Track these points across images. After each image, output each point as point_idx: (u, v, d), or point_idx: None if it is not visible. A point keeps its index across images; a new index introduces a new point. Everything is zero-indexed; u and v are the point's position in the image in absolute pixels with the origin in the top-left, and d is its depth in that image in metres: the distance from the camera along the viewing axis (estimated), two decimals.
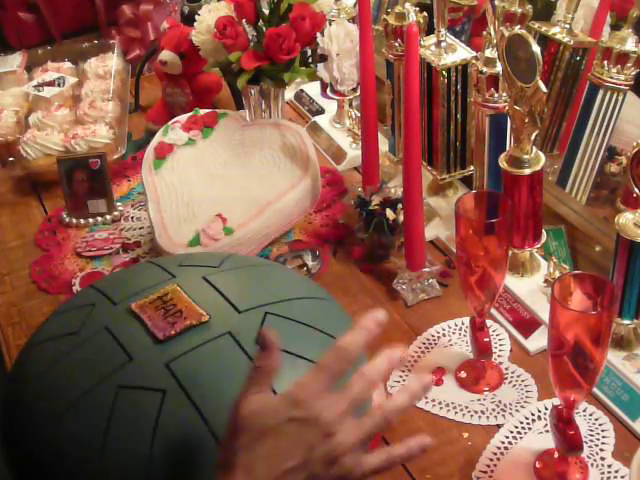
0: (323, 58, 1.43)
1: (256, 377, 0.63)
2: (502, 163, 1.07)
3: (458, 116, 1.24)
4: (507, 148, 1.11)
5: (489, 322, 1.07)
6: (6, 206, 1.46)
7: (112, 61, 1.68)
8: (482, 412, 0.99)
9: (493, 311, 1.10)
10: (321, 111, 1.59)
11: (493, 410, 0.99)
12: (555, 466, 0.90)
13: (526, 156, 1.05)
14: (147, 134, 1.53)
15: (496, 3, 1.23)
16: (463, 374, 1.04)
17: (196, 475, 0.66)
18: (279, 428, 0.60)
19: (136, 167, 1.47)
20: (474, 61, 1.17)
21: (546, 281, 1.10)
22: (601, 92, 1.13)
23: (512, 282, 1.12)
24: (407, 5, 1.27)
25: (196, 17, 1.39)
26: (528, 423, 0.96)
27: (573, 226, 1.16)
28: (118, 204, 1.39)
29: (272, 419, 0.61)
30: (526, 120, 1.02)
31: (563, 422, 0.85)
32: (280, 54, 1.29)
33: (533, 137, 1.04)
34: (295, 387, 0.62)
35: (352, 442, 0.61)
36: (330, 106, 1.57)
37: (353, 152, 1.45)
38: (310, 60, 1.41)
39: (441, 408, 1.00)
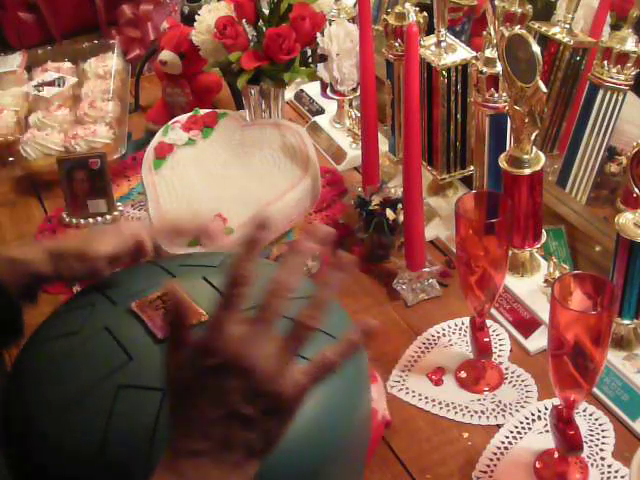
0: (323, 58, 1.43)
1: (170, 336, 0.60)
2: (502, 163, 1.07)
3: (458, 116, 1.24)
4: (507, 148, 1.11)
5: (489, 322, 1.07)
6: (6, 206, 1.46)
7: (112, 61, 1.68)
8: (482, 412, 0.99)
9: (493, 311, 1.10)
10: (321, 111, 1.59)
11: (493, 410, 0.99)
12: (555, 466, 0.90)
13: (526, 156, 1.05)
14: (147, 134, 1.53)
15: (496, 3, 1.23)
16: (463, 374, 1.04)
17: None
18: (197, 382, 0.58)
19: (136, 167, 1.46)
20: (474, 61, 1.17)
21: (546, 281, 1.10)
22: (601, 92, 1.13)
23: (512, 282, 1.12)
24: (407, 5, 1.27)
25: (196, 17, 1.39)
26: (528, 423, 0.96)
27: (573, 226, 1.16)
28: (118, 204, 1.39)
29: (188, 375, 0.58)
30: (526, 120, 1.02)
31: (563, 422, 0.85)
32: (280, 54, 1.29)
33: (533, 137, 1.04)
34: (202, 334, 0.58)
35: (272, 368, 0.57)
36: (330, 106, 1.57)
37: (353, 152, 1.45)
38: (310, 60, 1.41)
39: (441, 408, 1.00)
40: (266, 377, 0.57)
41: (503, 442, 0.95)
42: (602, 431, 0.94)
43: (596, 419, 0.96)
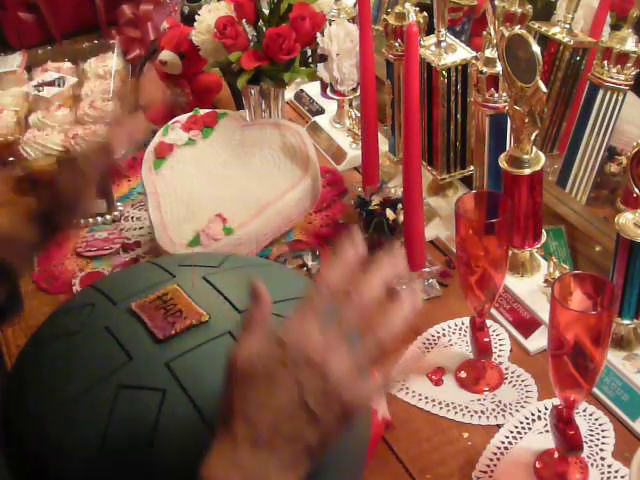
0: (323, 58, 1.43)
1: (247, 327, 0.62)
2: (502, 163, 1.07)
3: (458, 116, 1.24)
4: (507, 148, 1.11)
5: (489, 322, 1.07)
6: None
7: (112, 61, 1.68)
8: (482, 412, 0.99)
9: (493, 311, 1.10)
10: (321, 111, 1.59)
11: (493, 410, 0.99)
12: (555, 466, 0.90)
13: (526, 156, 1.05)
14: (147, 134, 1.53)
15: (496, 3, 1.23)
16: (463, 374, 1.04)
17: (196, 475, 0.66)
18: (271, 373, 0.59)
19: (136, 167, 1.46)
20: (474, 61, 1.17)
21: (546, 281, 1.10)
22: (601, 92, 1.13)
23: (512, 282, 1.12)
24: (407, 5, 1.27)
25: (196, 17, 1.39)
26: (528, 423, 0.96)
27: (573, 226, 1.16)
28: (118, 204, 1.39)
29: (262, 366, 0.59)
30: (526, 120, 1.02)
31: (563, 422, 0.85)
32: (280, 54, 1.29)
33: (533, 137, 1.04)
34: (282, 330, 0.61)
35: (347, 375, 0.59)
36: (330, 106, 1.57)
37: (353, 152, 1.45)
38: (310, 60, 1.41)
39: (441, 408, 1.00)
40: (341, 383, 0.59)
41: (503, 442, 0.95)
42: (602, 431, 0.94)
43: (596, 419, 0.96)
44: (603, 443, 0.93)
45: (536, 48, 0.97)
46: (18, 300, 0.85)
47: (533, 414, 0.97)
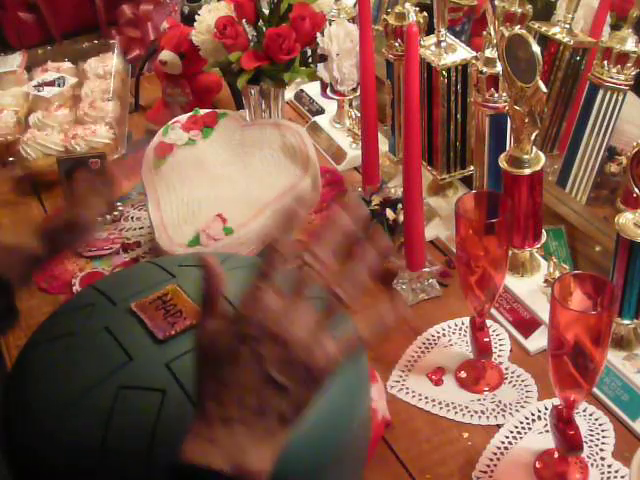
0: (323, 58, 1.43)
1: (206, 304, 0.62)
2: (502, 163, 1.07)
3: (458, 116, 1.24)
4: (507, 148, 1.11)
5: (489, 322, 1.07)
6: (6, 206, 1.46)
7: (112, 61, 1.68)
8: (482, 412, 0.99)
9: (493, 311, 1.10)
10: (321, 111, 1.59)
11: (493, 410, 0.99)
12: (555, 466, 0.90)
13: (526, 156, 1.05)
14: (147, 134, 1.53)
15: (496, 3, 1.23)
16: (463, 374, 1.04)
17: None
18: (233, 350, 0.59)
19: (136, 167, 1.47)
20: (474, 61, 1.17)
21: (546, 281, 1.10)
22: (601, 92, 1.13)
23: (512, 282, 1.12)
24: (407, 5, 1.27)
25: (196, 17, 1.39)
26: (528, 423, 0.96)
27: (573, 226, 1.16)
28: (118, 204, 1.39)
29: (224, 343, 0.59)
30: (526, 120, 1.02)
31: (563, 422, 0.85)
32: (280, 54, 1.29)
33: (533, 137, 1.04)
34: (239, 304, 0.61)
35: (307, 338, 0.59)
36: (330, 106, 1.57)
37: (353, 152, 1.45)
38: (310, 60, 1.41)
39: (441, 408, 1.00)
40: (301, 347, 0.58)
41: (503, 442, 0.95)
42: (602, 431, 0.94)
43: (596, 419, 0.96)
44: (603, 443, 0.93)
45: (536, 48, 0.97)
46: (13, 313, 0.85)
47: (533, 414, 0.97)
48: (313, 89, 1.64)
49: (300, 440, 0.65)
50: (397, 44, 1.28)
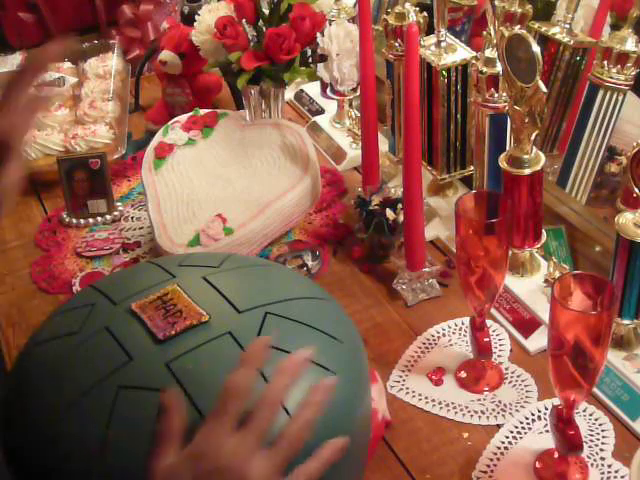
0: (323, 58, 1.43)
1: (162, 441, 0.63)
2: (502, 163, 1.07)
3: (458, 116, 1.24)
4: (507, 148, 1.11)
5: (489, 322, 1.07)
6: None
7: (112, 61, 1.68)
8: (482, 412, 0.99)
9: (493, 311, 1.10)
10: (321, 111, 1.59)
11: (493, 410, 0.99)
12: (555, 466, 0.90)
13: (526, 156, 1.05)
14: (147, 134, 1.54)
15: (496, 3, 1.23)
16: (463, 374, 1.04)
17: None
18: None
19: (136, 167, 1.47)
20: (474, 61, 1.17)
21: (546, 281, 1.11)
22: (601, 92, 1.13)
23: (512, 282, 1.12)
24: (407, 5, 1.27)
25: (196, 17, 1.39)
26: (528, 423, 0.96)
27: (573, 226, 1.16)
28: (118, 204, 1.39)
29: (182, 477, 0.61)
30: (526, 120, 1.02)
31: (563, 422, 0.85)
32: (280, 54, 1.29)
33: (533, 137, 1.04)
34: (195, 441, 0.62)
35: (268, 475, 0.61)
36: (330, 106, 1.57)
37: (353, 152, 1.45)
38: (310, 60, 1.41)
39: (441, 408, 1.00)
40: None
41: (503, 442, 0.95)
42: (602, 431, 0.94)
43: (596, 419, 0.96)
44: (603, 443, 0.93)
45: (536, 48, 0.97)
46: None
47: (533, 414, 0.97)
48: (313, 89, 1.64)
49: None
50: (397, 44, 1.28)
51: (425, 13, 1.28)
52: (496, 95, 1.12)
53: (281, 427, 0.64)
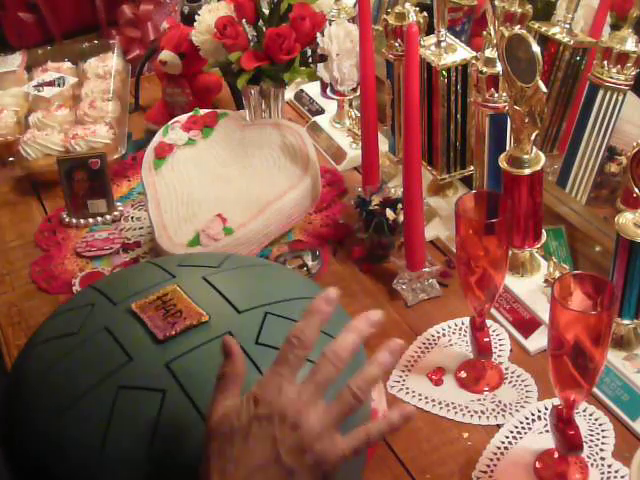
0: (323, 58, 1.43)
1: (222, 384, 0.64)
2: (502, 163, 1.07)
3: (458, 116, 1.24)
4: (507, 148, 1.11)
5: (489, 322, 1.07)
6: (6, 206, 1.46)
7: (112, 61, 1.69)
8: (482, 412, 0.99)
9: (493, 311, 1.10)
10: (321, 111, 1.59)
11: (493, 410, 0.99)
12: (555, 466, 0.90)
13: (526, 156, 1.05)
14: (147, 134, 1.54)
15: (496, 3, 1.23)
16: (463, 374, 1.04)
17: (196, 475, 0.66)
18: (245, 429, 0.61)
19: (136, 167, 1.47)
20: (474, 61, 1.17)
21: (546, 281, 1.11)
22: (601, 92, 1.13)
23: (512, 282, 1.12)
24: (407, 5, 1.27)
25: (196, 17, 1.39)
26: (528, 423, 0.96)
27: (573, 226, 1.16)
28: (118, 204, 1.39)
29: (237, 421, 0.62)
30: (526, 120, 1.02)
31: (563, 422, 0.85)
32: (280, 54, 1.29)
33: (533, 137, 1.04)
34: (256, 386, 0.63)
35: (320, 428, 0.62)
36: (330, 106, 1.57)
37: (353, 152, 1.45)
38: (310, 60, 1.41)
39: (441, 408, 1.00)
40: (314, 437, 0.61)
41: (503, 442, 0.95)
42: (602, 431, 0.94)
43: (596, 419, 0.96)
44: (603, 443, 0.93)
45: (536, 48, 0.97)
46: None
47: (533, 414, 0.97)
48: (313, 89, 1.64)
49: None
50: (397, 44, 1.28)
51: (425, 13, 1.28)
52: (496, 95, 1.12)
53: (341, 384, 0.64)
